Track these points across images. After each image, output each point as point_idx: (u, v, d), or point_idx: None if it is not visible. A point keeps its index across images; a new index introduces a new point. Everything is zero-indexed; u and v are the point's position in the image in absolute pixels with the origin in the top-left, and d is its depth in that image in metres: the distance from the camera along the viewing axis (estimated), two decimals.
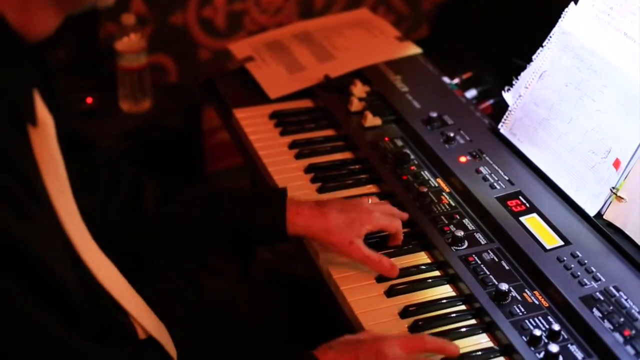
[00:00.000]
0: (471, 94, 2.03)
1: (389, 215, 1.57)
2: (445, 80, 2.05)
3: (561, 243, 1.51)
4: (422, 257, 1.57)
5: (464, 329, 1.41)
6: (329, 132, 1.96)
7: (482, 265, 1.50)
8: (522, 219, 1.57)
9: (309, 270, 1.59)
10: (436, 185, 1.71)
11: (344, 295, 1.47)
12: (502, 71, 1.88)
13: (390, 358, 1.27)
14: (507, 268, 1.50)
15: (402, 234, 1.58)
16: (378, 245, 1.56)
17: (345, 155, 1.88)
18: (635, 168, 1.54)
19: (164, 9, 2.85)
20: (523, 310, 1.40)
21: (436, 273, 1.53)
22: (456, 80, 2.06)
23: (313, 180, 1.77)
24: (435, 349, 1.32)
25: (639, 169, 1.53)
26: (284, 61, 2.18)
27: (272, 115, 2.00)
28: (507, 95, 1.82)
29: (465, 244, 1.55)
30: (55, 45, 2.59)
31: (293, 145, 1.89)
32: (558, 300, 1.41)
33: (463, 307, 1.46)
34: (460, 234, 1.55)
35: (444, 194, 1.69)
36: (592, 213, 1.57)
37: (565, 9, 1.73)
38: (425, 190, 1.67)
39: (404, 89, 2.01)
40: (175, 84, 3.00)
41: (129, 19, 2.55)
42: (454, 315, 1.43)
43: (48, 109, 1.07)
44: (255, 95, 2.08)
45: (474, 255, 1.52)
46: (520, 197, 1.62)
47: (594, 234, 1.54)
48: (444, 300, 1.46)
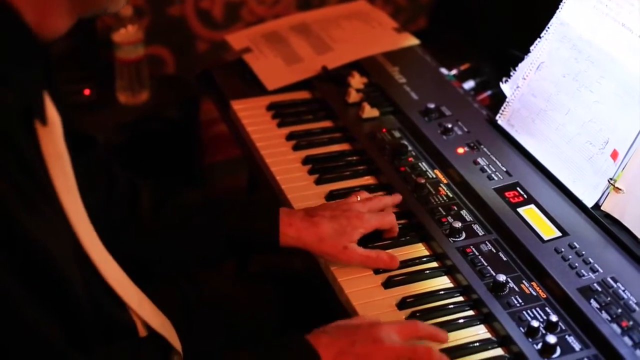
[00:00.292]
0: (469, 85, 2.03)
1: (380, 213, 1.57)
2: (443, 71, 2.04)
3: (559, 234, 1.51)
4: (420, 249, 1.57)
5: (461, 320, 1.41)
6: (327, 124, 1.96)
7: (480, 257, 1.50)
8: (520, 210, 1.57)
9: (306, 262, 1.59)
10: (434, 176, 1.71)
11: (341, 286, 1.47)
12: (500, 62, 1.88)
13: (387, 343, 1.27)
14: (505, 259, 1.50)
15: (397, 226, 1.58)
16: (374, 236, 1.56)
17: (343, 146, 1.88)
18: (633, 159, 1.54)
19: (162, 0, 2.84)
20: (521, 301, 1.40)
21: (434, 264, 1.53)
22: (454, 72, 2.06)
23: (311, 172, 1.77)
24: (427, 335, 1.33)
25: (637, 160, 1.53)
26: (282, 52, 2.18)
27: (270, 107, 2.00)
28: (505, 87, 1.82)
29: (463, 235, 1.55)
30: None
31: (290, 136, 1.89)
32: (556, 292, 1.41)
33: (461, 299, 1.46)
34: (458, 225, 1.55)
35: (441, 185, 1.69)
36: (590, 204, 1.57)
37: (563, 0, 1.73)
38: (422, 181, 1.67)
39: (402, 80, 2.01)
40: (173, 75, 3.00)
41: (126, 11, 2.54)
42: (452, 306, 1.44)
43: (55, 108, 1.07)
44: (253, 87, 2.08)
45: (471, 247, 1.52)
46: (517, 188, 1.62)
47: (592, 225, 1.54)
48: (442, 292, 1.46)
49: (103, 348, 1.18)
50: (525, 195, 1.61)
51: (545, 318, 1.36)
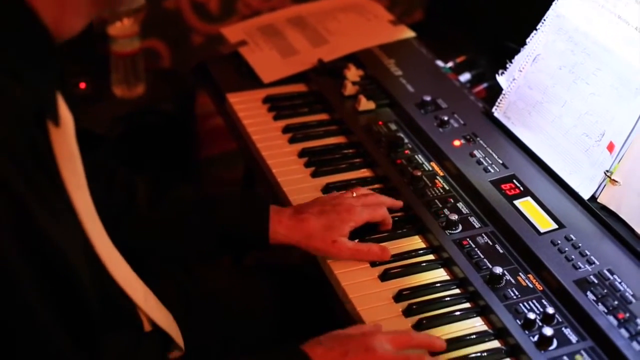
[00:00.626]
0: (465, 77, 2.03)
1: (372, 206, 1.57)
2: (439, 63, 2.04)
3: (555, 226, 1.51)
4: (416, 241, 1.57)
5: (458, 313, 1.41)
6: (323, 116, 1.95)
7: (476, 249, 1.50)
8: (516, 202, 1.57)
9: (303, 256, 1.59)
10: (430, 169, 1.71)
11: (338, 279, 1.47)
12: (496, 55, 1.88)
13: (379, 353, 1.27)
14: (501, 251, 1.50)
15: (391, 219, 1.57)
16: (369, 229, 1.56)
17: (339, 139, 1.87)
18: (629, 151, 1.54)
19: None
20: (517, 293, 1.40)
21: (430, 257, 1.53)
22: (450, 64, 2.06)
23: (307, 165, 1.77)
24: (422, 345, 1.32)
25: (633, 152, 1.53)
26: (278, 45, 2.17)
27: (266, 100, 1.99)
28: (501, 79, 1.81)
29: (460, 227, 1.55)
30: None
31: (286, 129, 1.88)
32: (552, 284, 1.41)
33: (457, 291, 1.46)
34: (455, 217, 1.55)
35: (438, 177, 1.68)
36: (586, 196, 1.57)
37: None
38: (419, 174, 1.66)
39: (398, 72, 2.00)
40: (169, 68, 2.99)
41: None
42: (448, 299, 1.44)
43: (68, 107, 1.07)
44: (249, 80, 2.07)
45: (468, 239, 1.52)
46: (514, 181, 1.62)
47: (588, 217, 1.54)
48: (438, 284, 1.46)
49: (107, 341, 1.18)
50: (521, 188, 1.60)
51: (541, 310, 1.36)
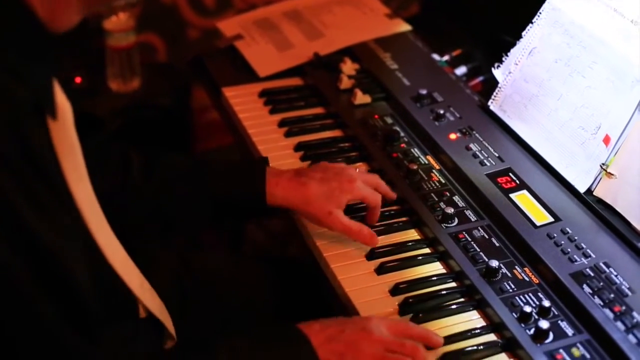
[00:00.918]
0: (461, 71, 2.03)
1: (371, 187, 1.56)
2: (435, 57, 2.04)
3: (551, 219, 1.51)
4: (412, 235, 1.57)
5: (454, 306, 1.41)
6: (319, 110, 1.95)
7: (472, 242, 1.50)
8: (512, 195, 1.57)
9: (299, 248, 1.59)
10: (426, 162, 1.71)
11: (334, 273, 1.47)
12: (492, 48, 1.87)
13: (375, 334, 1.28)
14: (497, 245, 1.50)
15: (380, 212, 1.56)
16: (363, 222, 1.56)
17: (335, 133, 1.87)
18: (625, 144, 1.54)
19: None
20: (513, 287, 1.40)
21: (426, 250, 1.53)
22: (446, 57, 2.05)
23: (303, 158, 1.77)
24: (419, 337, 1.33)
25: (629, 145, 1.53)
26: (273, 39, 2.17)
27: (262, 94, 1.99)
28: (497, 72, 1.81)
29: (456, 221, 1.55)
30: None
31: (282, 123, 1.88)
32: (548, 277, 1.41)
33: (453, 284, 1.46)
34: (451, 211, 1.55)
35: (434, 171, 1.68)
36: (582, 189, 1.57)
37: None
38: (415, 167, 1.66)
39: (394, 66, 2.00)
40: (165, 63, 2.98)
41: None
42: (445, 292, 1.44)
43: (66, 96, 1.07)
44: (245, 74, 2.07)
45: (464, 232, 1.52)
46: (510, 174, 1.62)
47: (584, 211, 1.54)
48: (434, 278, 1.46)
49: (105, 333, 1.18)
50: (517, 181, 1.60)
51: (537, 303, 1.37)
